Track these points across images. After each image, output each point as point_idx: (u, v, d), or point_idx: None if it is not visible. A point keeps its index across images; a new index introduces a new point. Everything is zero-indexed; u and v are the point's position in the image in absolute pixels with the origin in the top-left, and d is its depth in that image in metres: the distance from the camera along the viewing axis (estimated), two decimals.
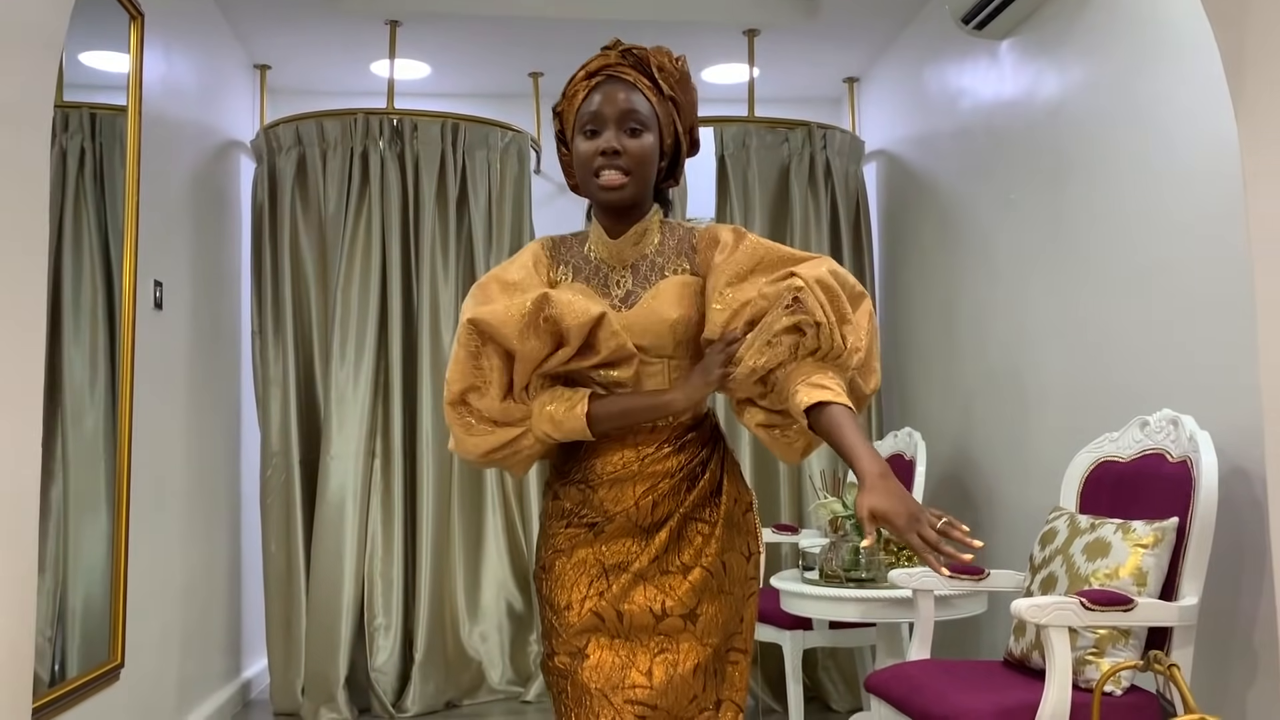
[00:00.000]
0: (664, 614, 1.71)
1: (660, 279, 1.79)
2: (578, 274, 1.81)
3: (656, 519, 1.74)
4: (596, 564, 1.73)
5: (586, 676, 1.68)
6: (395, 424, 4.11)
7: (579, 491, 1.77)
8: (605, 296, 1.79)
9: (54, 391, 2.77)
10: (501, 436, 1.73)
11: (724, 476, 1.80)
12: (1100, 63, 3.00)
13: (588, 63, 1.79)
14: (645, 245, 1.81)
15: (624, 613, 1.71)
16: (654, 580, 1.72)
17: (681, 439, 1.76)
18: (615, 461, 1.74)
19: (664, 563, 1.73)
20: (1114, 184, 2.93)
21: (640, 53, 1.78)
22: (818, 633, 3.36)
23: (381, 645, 4.03)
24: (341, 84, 4.74)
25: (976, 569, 2.66)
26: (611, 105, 1.73)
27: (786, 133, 4.41)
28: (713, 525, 1.76)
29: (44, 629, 2.74)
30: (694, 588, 1.72)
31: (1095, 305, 2.99)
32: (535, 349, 1.67)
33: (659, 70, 1.78)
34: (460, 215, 4.27)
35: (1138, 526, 2.26)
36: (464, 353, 1.69)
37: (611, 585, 1.71)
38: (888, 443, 3.81)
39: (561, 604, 1.73)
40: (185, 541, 3.62)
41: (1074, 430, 3.01)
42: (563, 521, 1.78)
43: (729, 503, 1.78)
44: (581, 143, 1.75)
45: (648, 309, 1.76)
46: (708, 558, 1.74)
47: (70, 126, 2.88)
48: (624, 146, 1.72)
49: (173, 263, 3.48)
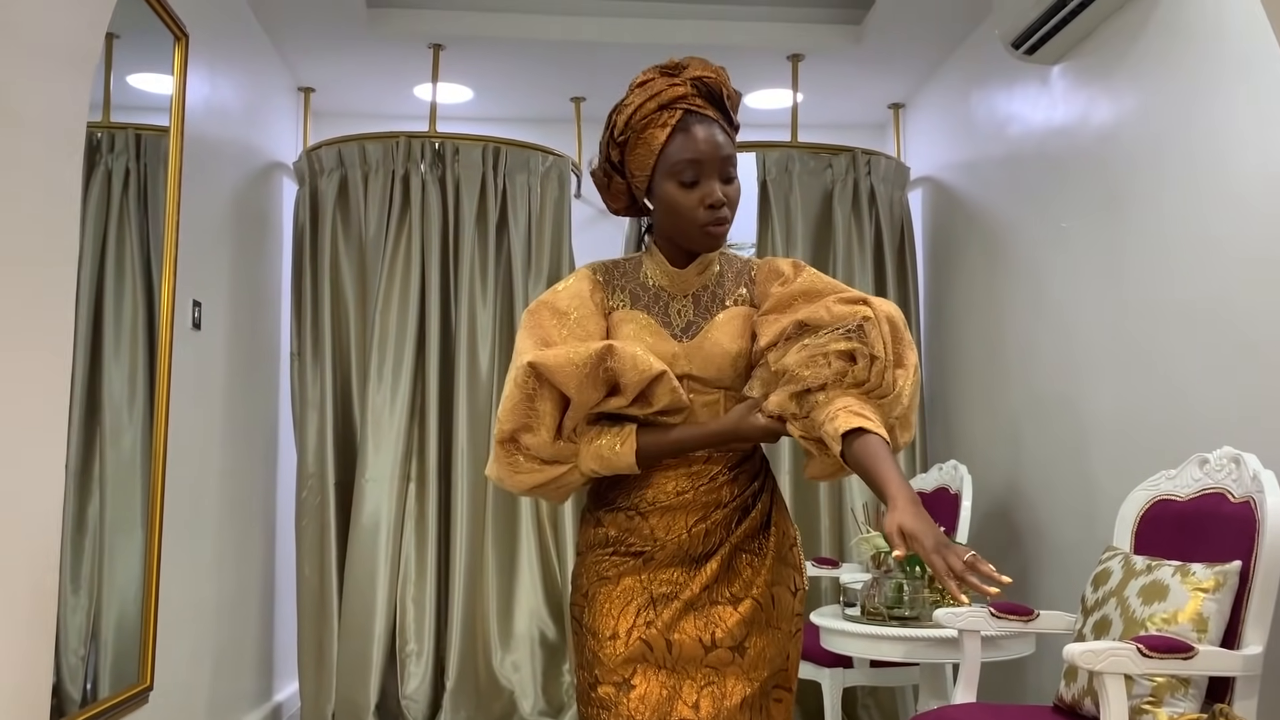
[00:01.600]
0: (713, 645, 1.66)
1: (721, 310, 1.77)
2: (636, 301, 1.78)
3: (707, 548, 1.70)
4: (644, 592, 1.69)
5: (633, 708, 1.63)
6: (431, 448, 4.08)
7: (626, 519, 1.73)
8: (665, 325, 1.76)
9: (93, 409, 2.77)
10: (549, 474, 1.71)
11: (773, 509, 1.77)
12: (1156, 89, 2.91)
13: (656, 89, 1.70)
14: (708, 275, 1.79)
15: (673, 642, 1.66)
16: (703, 610, 1.68)
17: (736, 469, 1.73)
18: (669, 490, 1.71)
19: (713, 593, 1.69)
20: (1170, 213, 2.83)
21: (711, 81, 1.72)
22: (858, 671, 3.26)
23: (413, 672, 3.98)
24: (385, 107, 4.76)
25: (1025, 609, 2.56)
26: (712, 154, 1.68)
27: (830, 158, 4.35)
28: (762, 557, 1.72)
29: (77, 648, 2.74)
30: (743, 620, 1.68)
31: (1151, 337, 2.89)
32: (593, 399, 1.66)
33: (728, 99, 1.75)
34: (500, 239, 4.25)
35: (1197, 569, 2.16)
36: (519, 394, 1.66)
37: (661, 614, 1.67)
38: (932, 476, 3.71)
39: (606, 633, 1.67)
40: (219, 562, 3.60)
41: (1127, 466, 2.90)
42: (607, 549, 1.73)
43: (778, 535, 1.75)
44: (677, 190, 1.69)
45: (710, 340, 1.74)
46: (757, 589, 1.70)
47: (116, 147, 2.90)
48: (725, 196, 1.70)
49: (212, 283, 3.48)
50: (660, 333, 1.75)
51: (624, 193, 1.81)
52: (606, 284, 1.80)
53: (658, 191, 1.73)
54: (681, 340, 1.75)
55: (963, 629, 2.51)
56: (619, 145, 1.75)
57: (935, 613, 2.56)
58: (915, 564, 2.87)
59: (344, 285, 4.21)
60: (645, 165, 1.72)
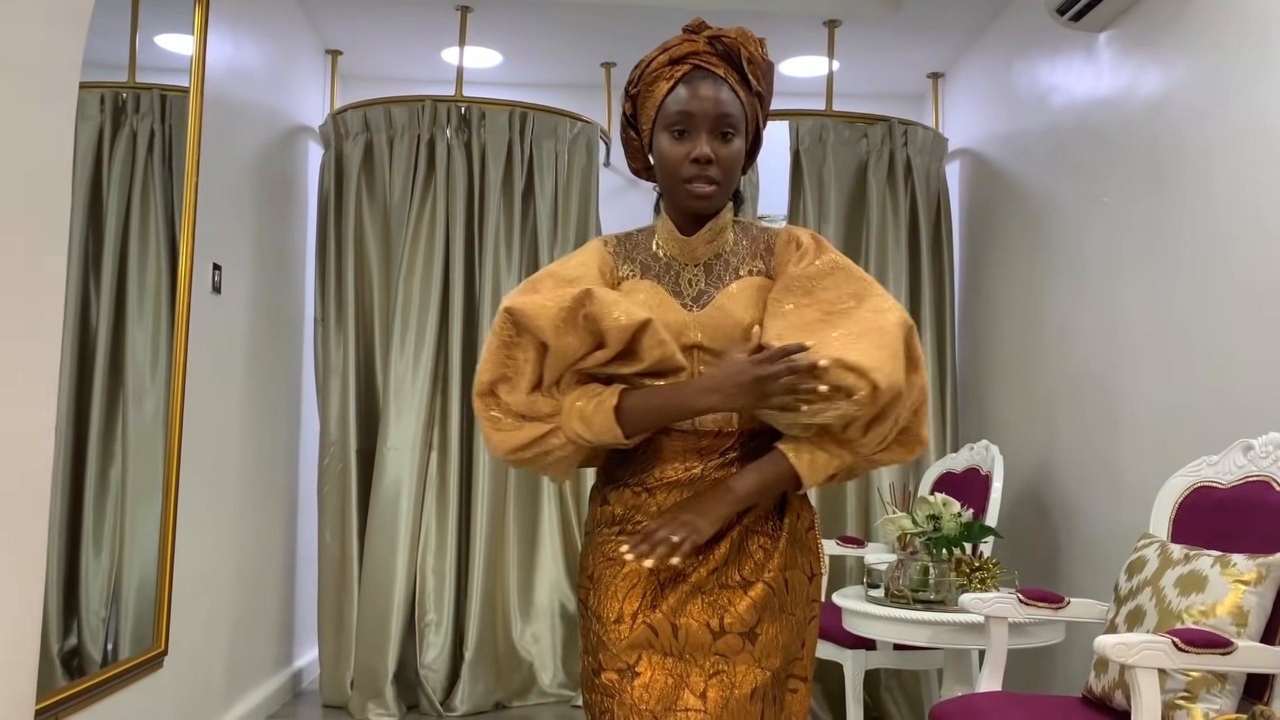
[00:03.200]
0: (722, 630, 1.58)
1: (734, 279, 1.69)
2: (646, 271, 1.71)
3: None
4: (650, 574, 1.61)
5: (637, 696, 1.56)
6: (453, 416, 4.04)
7: (633, 495, 1.66)
8: (676, 295, 1.69)
9: (116, 370, 2.76)
10: (530, 433, 1.62)
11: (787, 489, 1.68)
12: (1208, 57, 2.78)
13: (670, 44, 1.67)
14: (720, 244, 1.71)
15: (679, 627, 1.59)
16: (711, 594, 1.60)
17: (749, 445, 1.65)
18: (678, 466, 1.64)
19: (722, 576, 1.62)
20: (1220, 190, 2.71)
21: (730, 41, 1.65)
22: (881, 653, 3.19)
23: (432, 642, 3.97)
24: (413, 71, 4.69)
25: (1055, 596, 2.48)
26: (704, 106, 1.61)
27: (865, 128, 4.23)
28: (775, 540, 1.64)
29: (99, 609, 2.74)
30: (754, 604, 1.60)
31: (1195, 317, 2.78)
32: (571, 346, 1.57)
33: (749, 63, 1.66)
34: (526, 206, 4.18)
35: (1238, 561, 2.06)
36: (497, 342, 1.62)
37: (667, 597, 1.60)
38: (963, 456, 3.61)
39: (611, 617, 1.61)
40: (239, 528, 3.58)
41: (1166, 450, 2.80)
42: (614, 529, 1.67)
43: (792, 517, 1.67)
44: (668, 142, 1.64)
45: (721, 310, 1.66)
46: (770, 573, 1.62)
47: (141, 108, 2.87)
48: (716, 154, 1.62)
49: (233, 247, 3.44)
50: (670, 302, 1.68)
51: (639, 150, 1.75)
52: (618, 255, 1.74)
53: (655, 146, 1.67)
54: (692, 310, 1.68)
55: (990, 615, 2.43)
56: (631, 98, 1.71)
57: (962, 598, 2.48)
58: (942, 547, 2.79)
59: (368, 251, 4.17)
60: (650, 117, 1.67)
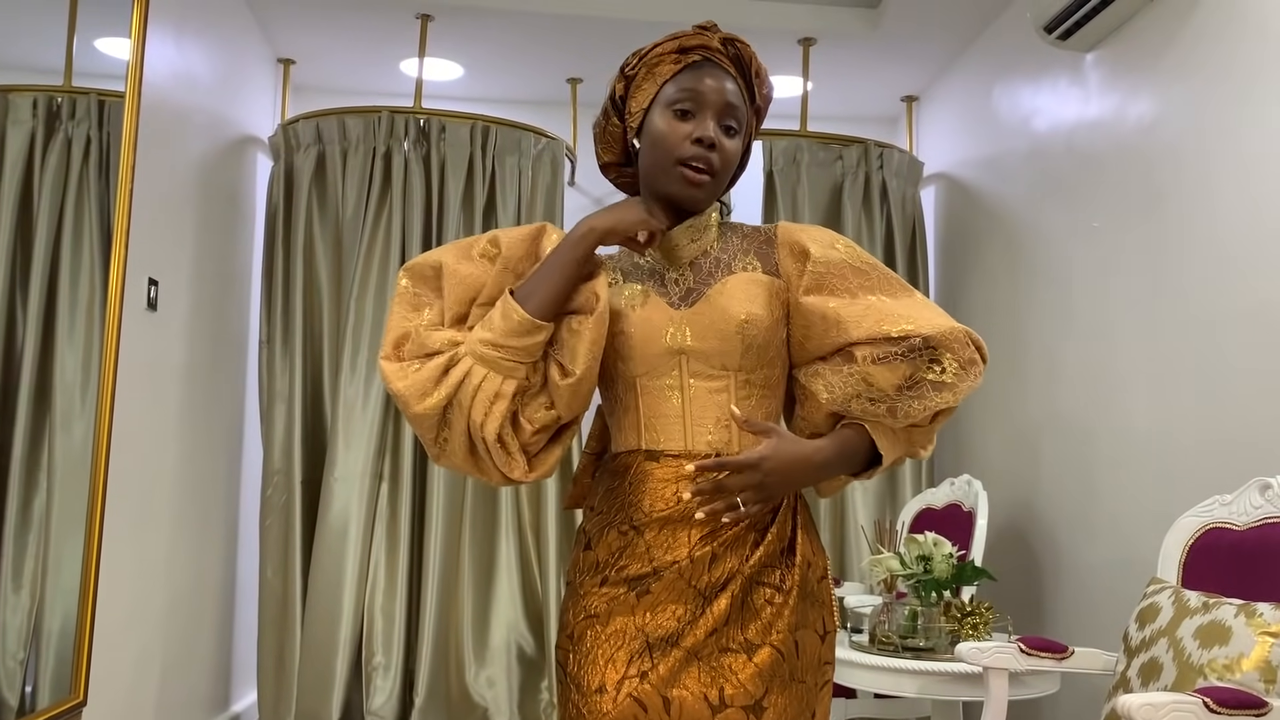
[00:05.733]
0: (722, 704, 1.36)
1: (728, 274, 1.51)
2: (628, 277, 1.55)
3: (715, 579, 1.41)
4: (638, 635, 1.39)
5: None
6: (405, 446, 3.81)
7: (619, 536, 1.45)
8: (663, 295, 1.51)
9: (44, 394, 2.54)
10: (434, 364, 1.44)
11: (797, 532, 1.47)
12: (1206, 77, 2.67)
13: (681, 34, 1.53)
14: (704, 242, 1.54)
15: (672, 700, 1.36)
16: (711, 660, 1.39)
17: None
18: (667, 496, 1.43)
19: (723, 638, 1.40)
20: (1217, 214, 2.58)
21: (743, 47, 1.54)
22: (861, 701, 3.01)
23: (380, 686, 3.71)
24: (369, 83, 4.49)
25: (1059, 646, 2.31)
26: (717, 93, 1.48)
27: (841, 149, 4.10)
28: (785, 594, 1.43)
29: (16, 651, 2.51)
30: (760, 672, 1.38)
31: (1195, 349, 2.64)
32: (470, 274, 1.46)
33: (756, 76, 1.55)
34: (487, 224, 3.98)
35: (1265, 610, 1.90)
36: (396, 304, 1.50)
37: (657, 664, 1.38)
38: (943, 491, 3.45)
39: (591, 686, 1.38)
40: (171, 563, 3.32)
41: (1163, 490, 2.65)
42: (596, 578, 1.45)
43: (803, 567, 1.46)
44: (669, 120, 1.48)
45: (712, 305, 1.48)
46: (778, 634, 1.40)
47: (77, 113, 2.68)
48: (719, 142, 1.47)
49: (172, 261, 3.21)
50: (654, 299, 1.51)
51: (618, 140, 1.59)
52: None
53: (648, 126, 1.51)
54: (680, 307, 1.50)
55: (989, 666, 2.25)
56: (626, 79, 1.54)
57: (958, 647, 2.29)
58: (930, 590, 2.61)
59: (318, 269, 3.94)
60: (645, 99, 1.52)
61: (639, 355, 1.48)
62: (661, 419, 1.48)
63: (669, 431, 1.47)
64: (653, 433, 1.48)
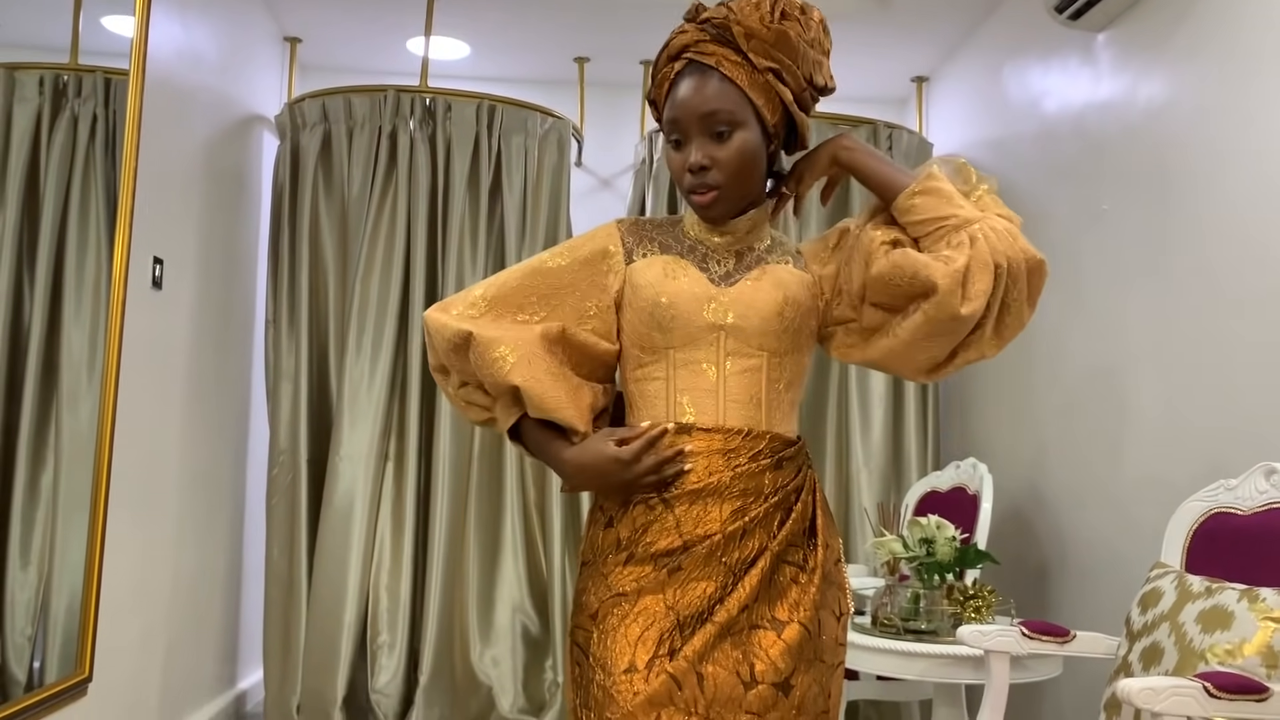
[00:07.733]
0: (753, 680, 1.35)
1: (767, 264, 1.55)
2: (667, 250, 1.54)
3: (745, 556, 1.40)
4: (669, 614, 1.38)
5: None
6: (411, 425, 3.81)
7: (646, 510, 1.43)
8: (703, 271, 1.52)
9: (51, 372, 2.56)
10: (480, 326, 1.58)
11: (817, 513, 1.48)
12: (1215, 59, 2.63)
13: (669, 38, 1.52)
14: (753, 238, 1.56)
15: (705, 676, 1.34)
16: (742, 636, 1.37)
17: (779, 453, 1.47)
18: (699, 469, 1.43)
19: (754, 614, 1.39)
20: (1228, 195, 2.56)
21: (720, 22, 1.46)
22: (864, 683, 3.01)
23: (384, 665, 3.73)
24: (375, 62, 4.47)
25: (1061, 630, 2.30)
26: (688, 109, 1.46)
27: (850, 130, 4.06)
28: (810, 573, 1.43)
29: (24, 628, 2.53)
30: (789, 650, 1.37)
31: (1204, 331, 2.62)
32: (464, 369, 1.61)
33: (748, 39, 1.46)
34: (493, 204, 3.97)
35: (1268, 595, 1.89)
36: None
37: (691, 640, 1.36)
38: (948, 474, 3.44)
39: (620, 666, 1.36)
40: (178, 542, 3.34)
41: (1168, 474, 2.64)
42: (621, 555, 1.43)
43: (823, 548, 1.46)
44: (669, 152, 1.51)
45: (754, 285, 1.50)
46: (804, 611, 1.40)
47: (83, 91, 2.68)
48: (712, 158, 1.45)
49: (177, 240, 3.21)
50: (695, 274, 1.51)
51: None
52: (632, 234, 1.58)
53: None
54: (721, 285, 1.52)
55: (990, 649, 2.24)
56: (654, 105, 1.57)
57: (960, 630, 2.29)
58: (934, 573, 2.61)
59: (324, 248, 3.94)
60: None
61: (680, 327, 1.48)
62: (693, 392, 1.48)
63: (701, 405, 1.47)
64: (683, 406, 1.48)
